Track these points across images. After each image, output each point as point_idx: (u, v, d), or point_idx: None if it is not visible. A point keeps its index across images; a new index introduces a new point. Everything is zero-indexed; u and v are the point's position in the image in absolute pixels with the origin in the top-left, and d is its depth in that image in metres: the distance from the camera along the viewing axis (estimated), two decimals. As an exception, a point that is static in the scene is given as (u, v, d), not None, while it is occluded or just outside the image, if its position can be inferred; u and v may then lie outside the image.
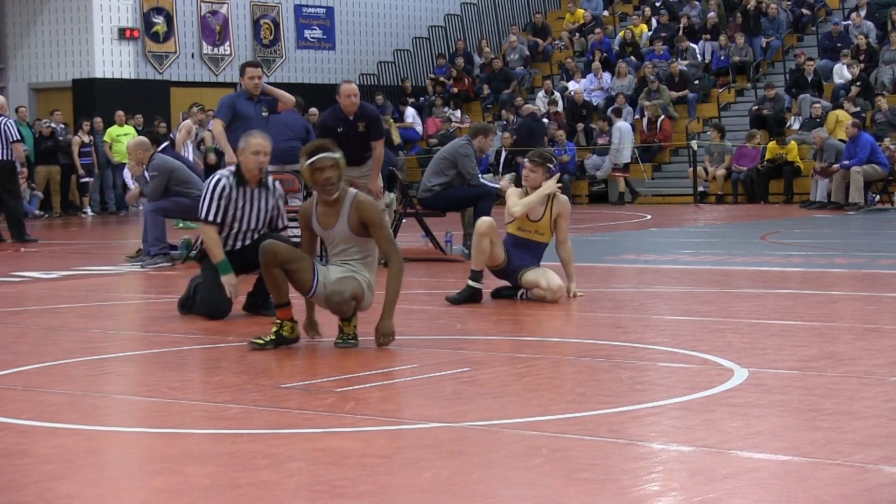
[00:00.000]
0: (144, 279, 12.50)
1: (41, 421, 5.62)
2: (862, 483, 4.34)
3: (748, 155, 24.52)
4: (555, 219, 9.78)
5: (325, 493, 4.37)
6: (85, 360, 7.39)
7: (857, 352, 7.17)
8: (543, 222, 9.76)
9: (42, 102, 27.77)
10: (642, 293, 10.43)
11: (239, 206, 8.78)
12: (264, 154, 8.68)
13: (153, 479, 4.68)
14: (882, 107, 24.22)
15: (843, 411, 5.52)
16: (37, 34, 27.80)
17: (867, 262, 12.54)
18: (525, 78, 30.34)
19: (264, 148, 8.68)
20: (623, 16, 32.08)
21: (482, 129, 13.71)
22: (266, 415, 5.72)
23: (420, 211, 14.13)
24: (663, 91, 27.27)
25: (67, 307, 10.19)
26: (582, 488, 4.36)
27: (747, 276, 11.51)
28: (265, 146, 8.69)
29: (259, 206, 8.82)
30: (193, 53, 28.57)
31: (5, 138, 17.76)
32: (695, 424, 5.37)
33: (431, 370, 6.65)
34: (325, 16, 30.94)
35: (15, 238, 17.79)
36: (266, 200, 8.84)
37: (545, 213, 9.75)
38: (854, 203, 21.65)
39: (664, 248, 14.86)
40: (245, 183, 8.75)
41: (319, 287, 7.44)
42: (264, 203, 8.84)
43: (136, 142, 14.04)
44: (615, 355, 7.16)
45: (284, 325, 7.46)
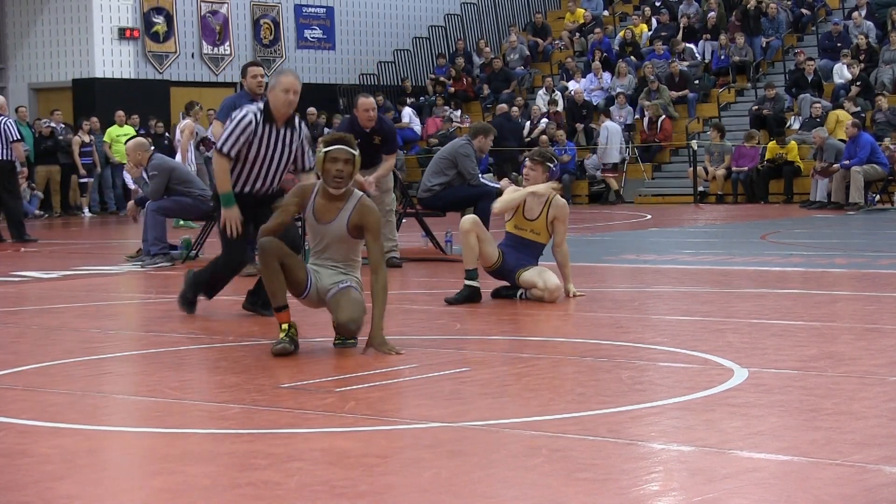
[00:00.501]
0: (144, 279, 12.50)
1: (41, 421, 5.62)
2: (862, 483, 4.34)
3: (747, 155, 24.52)
4: (551, 221, 9.76)
5: (324, 493, 4.37)
6: (85, 359, 7.39)
7: (857, 352, 7.17)
8: (539, 222, 9.75)
9: (42, 102, 27.78)
10: (642, 293, 10.43)
11: (263, 144, 8.54)
12: (294, 93, 8.43)
13: (153, 479, 4.68)
14: (882, 106, 24.23)
15: (844, 411, 5.52)
16: (37, 34, 27.81)
17: (867, 262, 12.54)
18: (525, 78, 30.34)
19: (294, 86, 8.43)
20: (623, 16, 32.08)
21: (482, 129, 13.73)
22: (266, 415, 5.72)
23: (420, 211, 14.14)
24: (663, 91, 27.27)
25: (67, 307, 10.19)
26: (582, 488, 4.36)
27: (747, 276, 11.51)
28: (295, 84, 8.45)
29: (284, 146, 8.58)
30: (193, 53, 28.58)
31: (5, 138, 17.76)
32: (695, 424, 5.37)
33: (431, 370, 6.64)
34: (325, 16, 30.94)
35: (15, 238, 17.79)
36: (291, 140, 8.60)
37: (541, 213, 9.74)
38: (854, 203, 21.66)
39: (664, 248, 14.86)
40: (273, 121, 8.52)
41: (312, 289, 7.39)
42: (289, 142, 8.60)
43: (134, 143, 14.04)
44: (615, 355, 7.16)
45: (292, 326, 7.39)
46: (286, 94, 8.42)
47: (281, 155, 8.61)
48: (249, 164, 8.60)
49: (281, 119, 8.53)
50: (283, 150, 8.61)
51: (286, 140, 8.60)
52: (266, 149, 8.57)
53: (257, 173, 8.65)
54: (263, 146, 8.56)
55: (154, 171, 13.44)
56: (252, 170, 8.63)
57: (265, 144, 8.56)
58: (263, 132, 8.54)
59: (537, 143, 26.95)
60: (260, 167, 8.63)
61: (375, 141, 12.76)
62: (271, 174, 8.68)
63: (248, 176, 8.66)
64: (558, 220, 9.77)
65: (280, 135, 8.58)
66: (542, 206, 9.74)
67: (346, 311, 7.28)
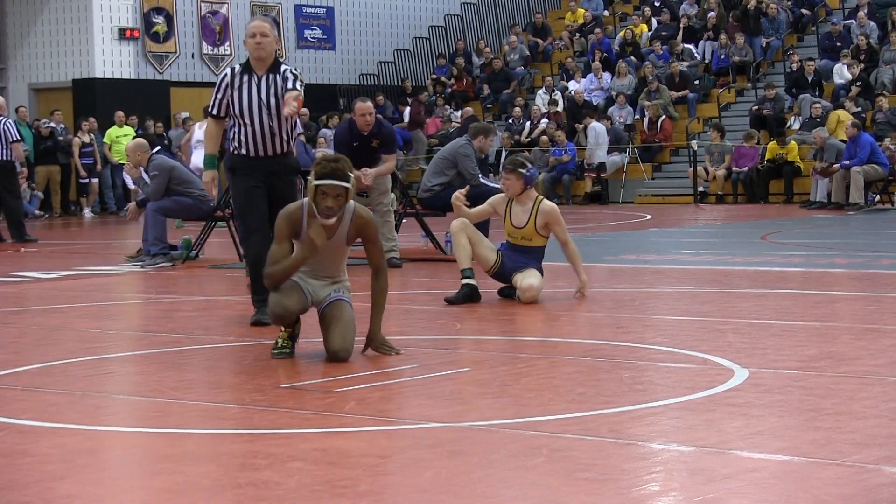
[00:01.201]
0: (145, 279, 12.50)
1: (41, 421, 5.62)
2: (862, 483, 4.34)
3: (747, 155, 24.52)
4: (543, 226, 9.71)
5: (325, 493, 4.37)
6: (85, 359, 7.39)
7: (857, 352, 7.17)
8: (528, 229, 9.76)
9: (42, 102, 27.78)
10: (642, 293, 10.43)
11: (245, 94, 8.32)
12: (260, 35, 8.24)
13: (153, 479, 4.68)
14: (883, 107, 24.23)
15: (843, 411, 5.52)
16: (37, 34, 27.81)
17: (867, 262, 12.54)
18: (525, 78, 30.35)
19: (259, 29, 8.27)
20: (623, 16, 32.09)
21: (482, 129, 13.73)
22: (266, 415, 5.72)
23: (420, 211, 14.14)
24: (663, 91, 27.28)
25: (68, 307, 10.19)
26: (582, 488, 4.36)
27: (747, 276, 11.51)
28: (260, 27, 8.28)
29: (269, 94, 8.32)
30: (193, 53, 28.58)
31: (5, 138, 17.77)
32: (695, 424, 5.37)
33: (431, 370, 6.64)
34: (325, 16, 30.95)
35: (15, 238, 17.80)
36: (275, 87, 8.32)
37: (529, 220, 9.72)
38: (854, 203, 21.66)
39: (664, 248, 14.86)
40: (251, 71, 8.37)
41: (309, 303, 7.19)
42: (273, 90, 8.32)
43: (133, 144, 14.05)
44: (615, 355, 7.16)
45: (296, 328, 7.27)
46: (252, 39, 8.28)
47: (268, 103, 8.30)
48: (240, 120, 8.36)
49: (260, 67, 8.34)
50: (268, 97, 8.30)
51: (270, 88, 8.33)
52: (249, 98, 8.32)
53: (251, 129, 8.36)
54: (245, 96, 8.33)
55: (154, 171, 13.46)
56: (245, 126, 8.37)
57: (246, 94, 8.33)
58: (242, 82, 8.35)
59: (537, 143, 26.98)
60: (251, 120, 8.34)
61: (374, 144, 12.84)
62: (266, 129, 8.35)
63: (244, 135, 8.40)
64: (551, 224, 9.69)
65: (262, 82, 8.34)
66: (529, 213, 9.72)
67: (337, 340, 7.00)
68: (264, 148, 8.42)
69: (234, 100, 8.37)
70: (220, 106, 8.45)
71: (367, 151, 12.81)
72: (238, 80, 8.36)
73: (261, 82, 8.34)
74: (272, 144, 8.43)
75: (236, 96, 8.35)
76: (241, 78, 8.36)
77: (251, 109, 8.35)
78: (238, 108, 8.36)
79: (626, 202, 25.88)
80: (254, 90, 8.33)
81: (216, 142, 8.59)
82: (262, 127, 8.37)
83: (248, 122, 8.36)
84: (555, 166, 26.28)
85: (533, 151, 26.81)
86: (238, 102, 8.36)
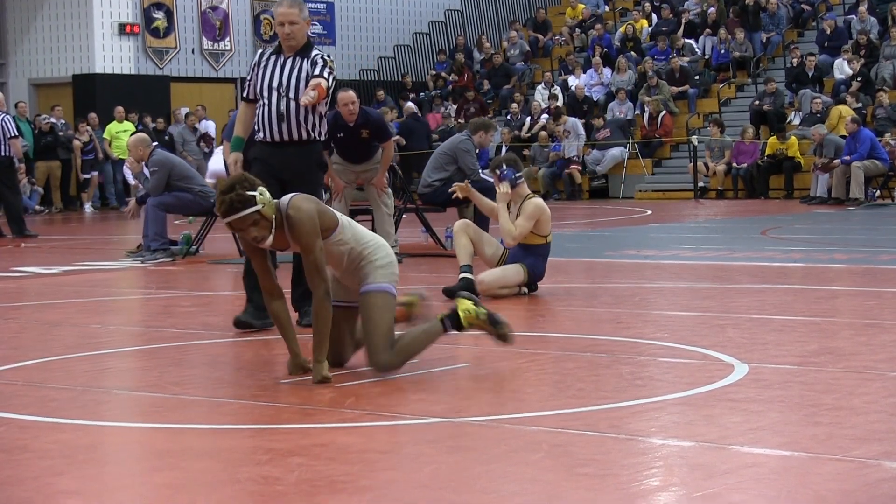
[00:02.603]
0: (145, 274, 12.50)
1: (42, 416, 5.62)
2: (862, 478, 4.34)
3: (746, 151, 24.51)
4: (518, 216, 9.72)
5: (325, 488, 4.37)
6: (85, 355, 7.39)
7: (857, 347, 7.17)
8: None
9: (42, 98, 27.77)
10: (642, 288, 10.43)
11: (268, 72, 8.04)
12: (290, 23, 7.95)
13: (154, 475, 4.69)
14: (883, 102, 24.22)
15: (844, 406, 5.52)
16: (37, 29, 27.79)
17: (867, 258, 12.54)
18: (525, 73, 30.34)
19: (287, 17, 7.95)
20: (623, 11, 32.08)
21: (482, 124, 13.72)
22: (266, 410, 5.72)
23: (420, 206, 14.14)
24: (663, 87, 27.27)
25: (68, 302, 10.19)
26: (582, 483, 4.36)
27: (747, 272, 11.51)
28: (288, 14, 7.96)
29: (289, 76, 8.01)
30: (194, 49, 28.56)
31: (3, 134, 17.77)
32: (695, 420, 5.37)
33: (431, 365, 6.64)
34: (325, 11, 30.92)
35: (15, 233, 17.80)
36: (298, 70, 8.00)
37: (516, 217, 9.74)
38: (854, 198, 21.65)
39: (664, 244, 14.86)
40: (280, 53, 8.11)
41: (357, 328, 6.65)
42: (297, 72, 8.00)
43: (135, 139, 14.04)
44: (615, 350, 7.16)
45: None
46: (282, 28, 8.01)
47: (280, 83, 8.00)
48: (260, 98, 8.09)
49: (289, 49, 8.06)
50: (288, 79, 7.99)
51: (293, 70, 8.01)
52: (270, 78, 8.04)
53: (265, 111, 8.04)
54: (267, 75, 8.05)
55: (155, 166, 13.45)
56: (262, 108, 8.07)
57: (269, 74, 8.04)
58: (268, 63, 8.08)
59: (536, 138, 26.98)
60: (266, 100, 8.04)
61: (363, 135, 12.53)
62: (275, 111, 8.01)
63: (259, 116, 8.09)
64: (522, 215, 9.68)
65: (287, 63, 8.03)
66: (517, 211, 9.74)
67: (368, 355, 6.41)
68: (272, 132, 8.05)
69: (257, 79, 8.13)
70: (248, 87, 8.22)
71: (357, 143, 12.54)
72: (266, 61, 8.13)
73: (286, 63, 8.06)
74: (279, 129, 8.04)
75: (260, 75, 8.11)
76: (270, 59, 8.13)
77: (268, 89, 8.06)
78: (259, 87, 8.10)
79: (626, 197, 25.87)
80: (277, 70, 8.06)
81: (245, 126, 8.26)
82: (270, 107, 8.04)
83: (264, 101, 8.08)
84: (555, 161, 26.28)
85: (533, 147, 26.82)
86: (259, 81, 8.11)
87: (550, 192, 26.14)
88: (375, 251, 6.41)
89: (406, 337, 6.41)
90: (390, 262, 6.45)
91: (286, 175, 7.96)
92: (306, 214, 6.22)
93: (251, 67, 8.23)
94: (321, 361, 6.22)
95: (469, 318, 6.48)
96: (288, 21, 7.96)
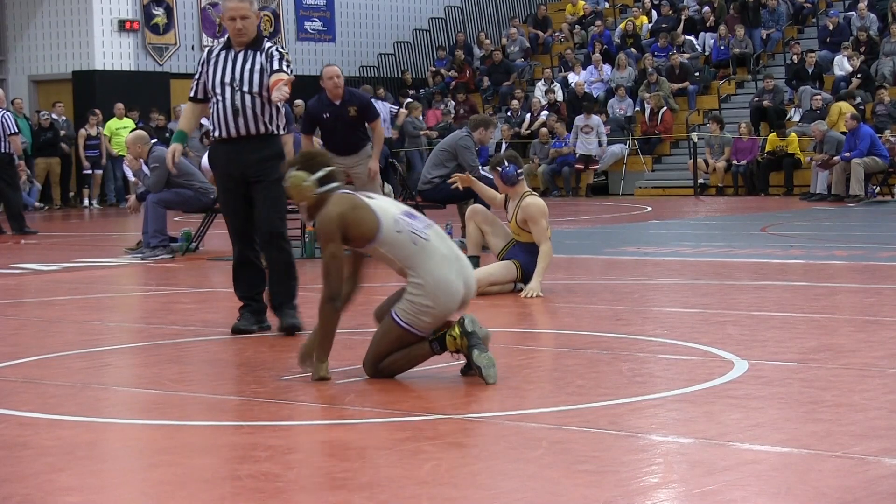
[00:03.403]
0: (145, 271, 12.50)
1: (41, 413, 5.62)
2: (862, 475, 4.34)
3: (744, 148, 24.50)
4: (522, 221, 9.66)
5: (325, 485, 4.37)
6: (85, 352, 7.39)
7: (856, 344, 7.17)
8: (512, 224, 9.78)
9: (42, 94, 27.78)
10: (642, 285, 10.42)
11: (218, 70, 7.79)
12: (241, 18, 7.75)
13: (153, 471, 4.68)
14: (884, 99, 24.22)
15: (843, 403, 5.52)
16: (37, 26, 27.79)
17: (867, 255, 12.53)
18: (525, 70, 30.34)
19: (237, 12, 7.76)
20: (623, 8, 32.07)
21: (482, 121, 13.71)
22: (266, 407, 5.72)
23: (420, 203, 14.13)
24: (663, 83, 27.27)
25: (67, 299, 10.19)
26: (582, 480, 4.36)
27: (747, 268, 11.51)
28: (238, 9, 7.76)
29: (242, 69, 7.78)
30: (193, 45, 28.55)
31: (3, 131, 17.77)
32: (695, 416, 5.37)
33: (431, 362, 6.63)
34: (325, 7, 30.92)
35: (15, 230, 17.80)
36: (252, 63, 7.78)
37: (513, 215, 9.73)
38: (854, 195, 21.65)
39: (664, 240, 14.86)
40: (230, 47, 7.81)
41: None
42: (250, 66, 7.78)
43: (134, 136, 14.05)
44: (615, 347, 7.16)
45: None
46: (232, 23, 7.81)
47: (241, 75, 7.75)
48: (213, 95, 7.83)
49: (239, 44, 7.85)
50: (240, 72, 7.76)
51: (245, 63, 7.78)
52: (222, 73, 7.78)
53: (219, 107, 7.78)
54: (219, 71, 7.79)
55: (155, 163, 13.45)
56: (215, 105, 7.81)
57: (221, 69, 7.80)
58: (218, 59, 7.83)
59: (536, 135, 26.97)
60: (220, 97, 7.78)
61: (351, 113, 12.21)
62: (229, 105, 7.75)
63: (213, 112, 7.85)
64: (528, 220, 9.62)
65: (239, 57, 7.80)
66: (515, 208, 9.72)
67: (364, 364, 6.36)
68: (228, 128, 7.80)
69: (207, 76, 7.90)
70: (195, 87, 7.99)
71: (343, 123, 12.11)
72: (215, 57, 7.90)
73: (237, 57, 7.85)
74: (235, 123, 7.77)
75: (210, 72, 7.88)
76: (220, 54, 7.90)
77: (221, 84, 7.81)
78: (211, 84, 7.87)
79: (626, 194, 25.88)
80: (229, 65, 7.84)
81: (189, 121, 8.08)
82: (224, 103, 7.79)
83: (217, 98, 7.85)
84: (555, 158, 26.28)
85: (533, 143, 26.81)
86: (210, 79, 7.88)
87: (550, 189, 26.15)
88: (419, 288, 6.16)
89: (397, 353, 6.29)
90: (427, 307, 6.16)
91: (250, 173, 7.81)
92: (325, 217, 6.19)
93: (199, 65, 7.98)
94: (322, 361, 6.21)
95: (453, 345, 6.26)
96: (239, 16, 7.79)
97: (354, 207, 6.20)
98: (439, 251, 6.22)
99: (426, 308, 6.14)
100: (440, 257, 6.20)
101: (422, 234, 6.21)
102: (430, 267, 6.17)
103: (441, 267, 6.18)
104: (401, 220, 6.21)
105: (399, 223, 6.20)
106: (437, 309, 6.15)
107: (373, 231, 6.16)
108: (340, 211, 6.19)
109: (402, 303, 6.19)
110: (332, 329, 6.22)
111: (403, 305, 6.18)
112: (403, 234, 6.18)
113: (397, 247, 6.18)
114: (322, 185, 6.28)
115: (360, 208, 6.20)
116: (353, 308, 7.79)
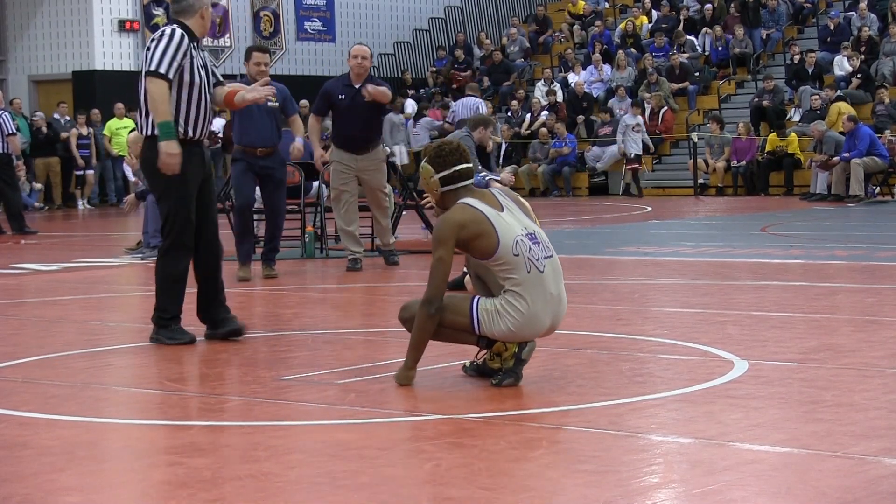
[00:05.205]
0: (144, 271, 12.49)
1: (42, 413, 5.62)
2: (862, 475, 4.34)
3: (742, 148, 24.50)
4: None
5: (325, 485, 4.37)
6: (85, 352, 7.39)
7: (856, 344, 7.17)
8: None
9: (42, 94, 27.78)
10: (642, 285, 10.42)
11: (196, 68, 7.54)
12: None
13: (154, 471, 4.68)
14: (884, 99, 24.21)
15: (843, 403, 5.52)
16: (37, 26, 27.79)
17: (867, 254, 12.53)
18: (525, 70, 30.34)
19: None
20: (623, 8, 32.08)
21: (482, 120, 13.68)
22: (266, 407, 5.72)
23: (420, 203, 14.13)
24: (663, 83, 27.28)
25: (68, 299, 10.19)
26: (582, 480, 4.36)
27: (747, 268, 11.51)
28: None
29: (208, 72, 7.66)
30: (193, 45, 28.54)
31: (1, 131, 17.78)
32: (695, 416, 5.37)
33: (431, 362, 6.64)
34: (325, 7, 30.92)
35: (15, 230, 17.80)
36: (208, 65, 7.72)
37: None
38: (854, 195, 21.66)
39: (664, 240, 14.86)
40: (196, 40, 7.61)
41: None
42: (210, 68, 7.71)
43: (134, 136, 14.06)
44: (615, 347, 7.16)
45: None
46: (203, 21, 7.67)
47: (209, 81, 7.64)
48: (187, 92, 7.53)
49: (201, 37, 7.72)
50: (209, 76, 7.66)
51: (207, 65, 7.68)
52: (199, 73, 7.57)
53: (196, 107, 7.56)
54: (197, 70, 7.55)
55: (154, 163, 13.42)
56: (191, 102, 7.54)
57: (197, 68, 7.56)
58: (195, 54, 7.57)
59: (536, 135, 26.97)
60: (199, 98, 7.55)
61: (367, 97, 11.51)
62: (204, 109, 7.59)
63: (188, 111, 7.56)
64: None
65: (203, 59, 7.66)
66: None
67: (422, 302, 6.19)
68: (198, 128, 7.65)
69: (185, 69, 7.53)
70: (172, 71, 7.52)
71: (358, 107, 11.56)
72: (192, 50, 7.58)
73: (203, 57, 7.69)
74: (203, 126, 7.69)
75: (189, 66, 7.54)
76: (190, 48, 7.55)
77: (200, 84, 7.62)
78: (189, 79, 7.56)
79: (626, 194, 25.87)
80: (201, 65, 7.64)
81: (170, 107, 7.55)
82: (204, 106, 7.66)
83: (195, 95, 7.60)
84: (555, 158, 26.27)
85: (533, 143, 26.81)
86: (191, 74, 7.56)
87: (550, 189, 26.16)
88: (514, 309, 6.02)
89: (446, 326, 6.16)
90: (509, 329, 6.04)
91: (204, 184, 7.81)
92: (444, 221, 6.07)
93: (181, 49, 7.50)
94: (410, 368, 6.12)
95: (498, 362, 6.16)
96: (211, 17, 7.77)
97: (477, 222, 6.04)
98: (547, 289, 6.08)
99: (506, 330, 6.04)
100: (546, 295, 6.08)
101: (539, 264, 6.06)
102: (534, 297, 6.05)
103: (542, 304, 6.07)
104: (521, 244, 6.05)
105: (519, 246, 6.04)
106: (515, 335, 6.07)
107: (490, 250, 6.03)
108: (462, 221, 6.02)
109: (490, 302, 6.06)
110: (425, 335, 6.11)
111: (488, 305, 6.06)
112: (520, 258, 6.05)
113: (509, 268, 6.05)
114: (445, 184, 6.16)
115: (481, 223, 6.03)
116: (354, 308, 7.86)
